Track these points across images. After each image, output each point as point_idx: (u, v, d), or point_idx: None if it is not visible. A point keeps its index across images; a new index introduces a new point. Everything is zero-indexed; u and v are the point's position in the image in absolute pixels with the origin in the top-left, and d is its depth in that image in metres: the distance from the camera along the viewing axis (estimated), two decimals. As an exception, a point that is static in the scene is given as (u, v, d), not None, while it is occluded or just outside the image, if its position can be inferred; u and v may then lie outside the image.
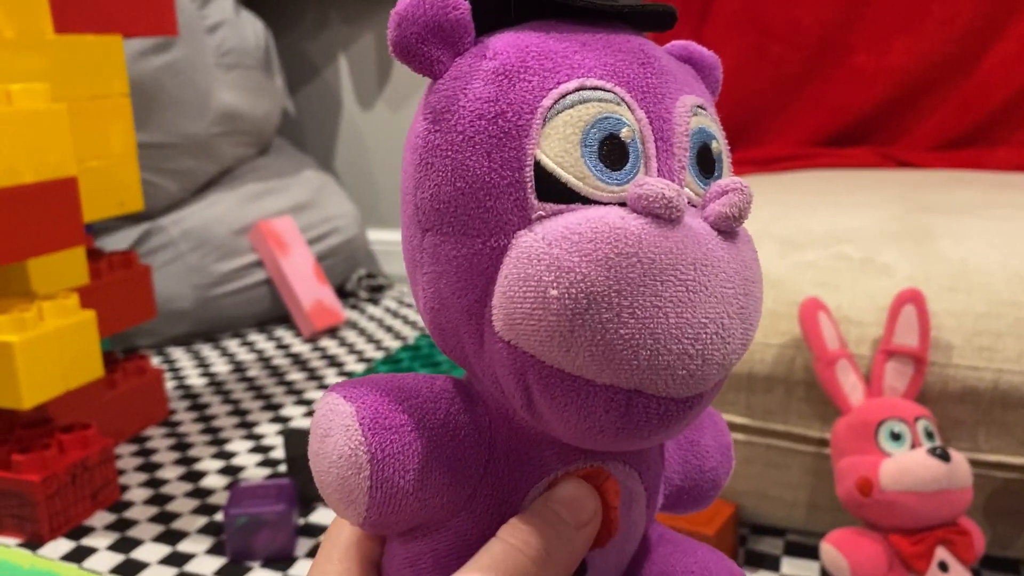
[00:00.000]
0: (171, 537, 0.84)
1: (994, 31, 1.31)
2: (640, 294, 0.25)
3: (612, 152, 0.26)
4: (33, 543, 0.84)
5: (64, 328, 0.84)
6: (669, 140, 0.28)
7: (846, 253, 0.80)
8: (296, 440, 0.90)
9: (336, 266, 1.59)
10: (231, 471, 0.97)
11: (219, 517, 0.87)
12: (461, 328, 0.28)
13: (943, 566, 0.63)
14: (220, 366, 1.29)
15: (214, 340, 1.41)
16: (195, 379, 1.25)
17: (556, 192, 0.26)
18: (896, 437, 0.65)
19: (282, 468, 0.97)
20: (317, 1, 1.75)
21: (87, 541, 0.84)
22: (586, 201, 0.26)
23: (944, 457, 0.63)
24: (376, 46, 1.74)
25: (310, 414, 1.11)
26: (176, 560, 0.80)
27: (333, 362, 1.30)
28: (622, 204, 0.26)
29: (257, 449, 1.02)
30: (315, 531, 0.84)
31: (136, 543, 0.83)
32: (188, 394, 1.19)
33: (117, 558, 0.80)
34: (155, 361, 1.32)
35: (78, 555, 0.81)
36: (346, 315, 1.53)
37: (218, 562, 0.79)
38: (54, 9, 0.91)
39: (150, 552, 0.81)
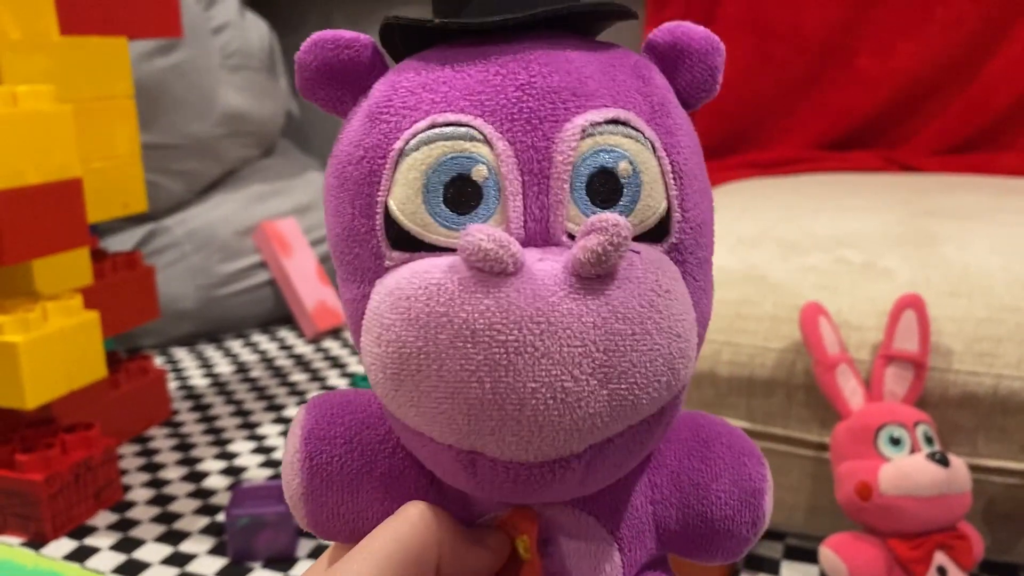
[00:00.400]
0: (173, 537, 0.84)
1: (998, 35, 1.31)
2: (449, 357, 0.23)
3: (460, 195, 0.25)
4: (36, 542, 0.84)
5: (68, 328, 0.84)
6: (544, 172, 0.25)
7: (847, 257, 0.80)
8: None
9: (339, 267, 1.59)
10: (233, 472, 0.97)
11: (221, 518, 0.87)
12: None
13: (941, 571, 0.63)
14: (223, 367, 1.30)
15: (217, 341, 1.42)
16: (198, 379, 1.25)
17: (405, 240, 0.25)
18: (895, 442, 0.65)
19: (284, 469, 0.97)
20: (321, 3, 1.76)
21: (90, 541, 0.84)
22: (431, 248, 0.25)
23: (943, 462, 0.63)
24: (381, 48, 1.74)
25: (312, 415, 1.11)
26: (178, 560, 0.80)
27: (335, 363, 1.30)
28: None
29: (259, 450, 1.02)
30: (316, 532, 0.84)
31: (138, 543, 0.83)
32: (191, 395, 1.20)
33: (119, 558, 0.81)
34: (158, 361, 1.32)
35: (81, 555, 0.82)
36: (349, 316, 1.53)
37: (220, 562, 0.80)
38: (60, 11, 0.91)
39: (152, 552, 0.82)
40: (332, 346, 1.38)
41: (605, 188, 0.25)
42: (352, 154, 0.26)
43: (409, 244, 0.25)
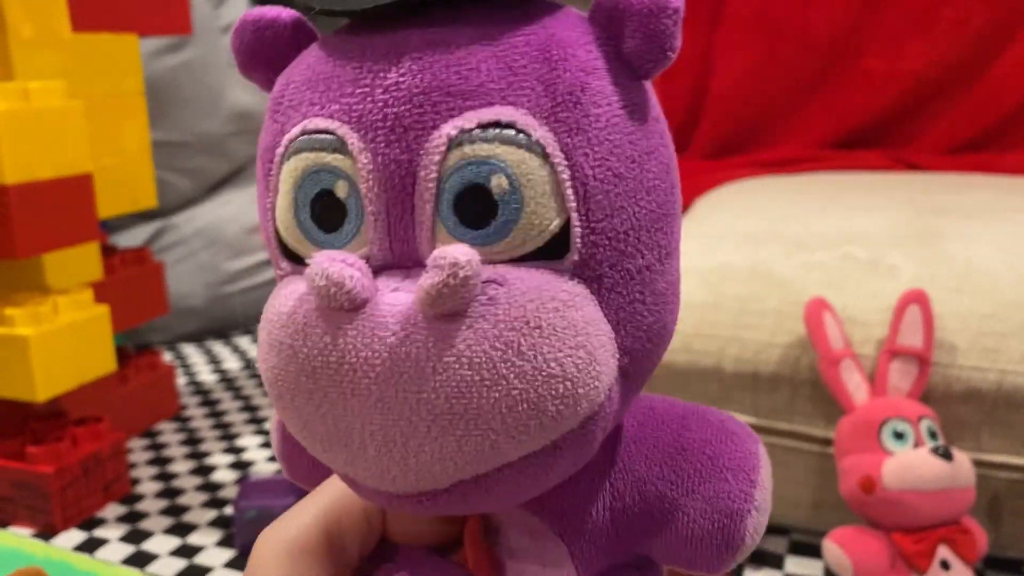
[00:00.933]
0: (181, 530, 0.85)
1: (1006, 35, 1.31)
2: (299, 390, 0.22)
3: (326, 211, 0.23)
4: (46, 533, 0.85)
5: (78, 322, 0.85)
6: (408, 189, 0.22)
7: (853, 254, 0.80)
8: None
9: (347, 265, 1.60)
10: (241, 466, 0.98)
11: (229, 511, 0.88)
12: None
13: (945, 564, 0.63)
14: (231, 362, 1.31)
15: (225, 337, 1.43)
16: (206, 375, 1.26)
17: (290, 252, 0.24)
18: (899, 436, 0.66)
19: (291, 463, 0.98)
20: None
21: (99, 532, 0.85)
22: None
23: (946, 456, 0.63)
24: (389, 47, 1.75)
25: (320, 411, 1.12)
26: (186, 552, 0.81)
27: (343, 360, 1.31)
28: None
29: (267, 444, 1.03)
30: (323, 525, 0.85)
31: (147, 535, 0.84)
32: (199, 390, 1.20)
33: (128, 549, 0.82)
34: (167, 357, 1.33)
35: (90, 546, 0.82)
36: (356, 314, 1.54)
37: (227, 554, 0.80)
38: (71, 8, 0.92)
39: (160, 544, 0.82)
40: (339, 343, 1.39)
41: (476, 206, 0.22)
42: (259, 148, 0.25)
43: (294, 255, 0.24)
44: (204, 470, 0.97)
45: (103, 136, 0.97)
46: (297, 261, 0.23)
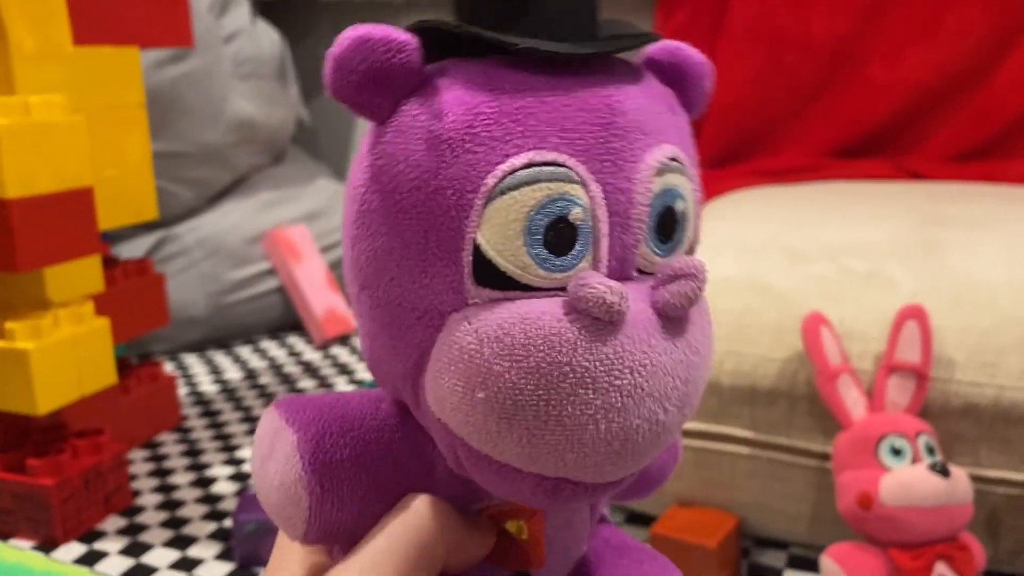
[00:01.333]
0: (181, 542, 0.85)
1: (1008, 43, 1.31)
2: (569, 403, 0.24)
3: (559, 237, 0.25)
4: (47, 546, 0.85)
5: (79, 335, 0.85)
6: (626, 214, 0.26)
7: (852, 267, 0.80)
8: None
9: (349, 274, 1.60)
10: (241, 477, 0.98)
11: (228, 523, 0.88)
12: (398, 384, 0.28)
13: (943, 582, 0.63)
14: (232, 373, 1.31)
15: (227, 347, 1.43)
16: (208, 386, 1.26)
17: (494, 278, 0.25)
18: (897, 452, 0.65)
19: (292, 475, 0.98)
20: (332, 11, 1.77)
21: (99, 545, 0.85)
22: (526, 288, 0.25)
23: (944, 472, 0.63)
24: (391, 56, 1.75)
25: (321, 421, 1.12)
26: (185, 565, 0.81)
27: (344, 369, 1.31)
28: (562, 289, 0.25)
29: (267, 456, 1.03)
30: (322, 538, 0.85)
31: (147, 548, 0.84)
32: (200, 400, 1.21)
33: (128, 562, 0.82)
34: (168, 367, 1.34)
35: (90, 559, 0.83)
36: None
37: (227, 567, 0.80)
38: (73, 22, 0.92)
39: (160, 557, 0.82)
40: (340, 352, 1.39)
41: (667, 225, 0.27)
42: (425, 182, 0.25)
43: (498, 282, 0.25)
44: (204, 482, 0.97)
45: (104, 148, 0.97)
46: (500, 287, 0.25)
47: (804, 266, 0.81)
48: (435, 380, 0.25)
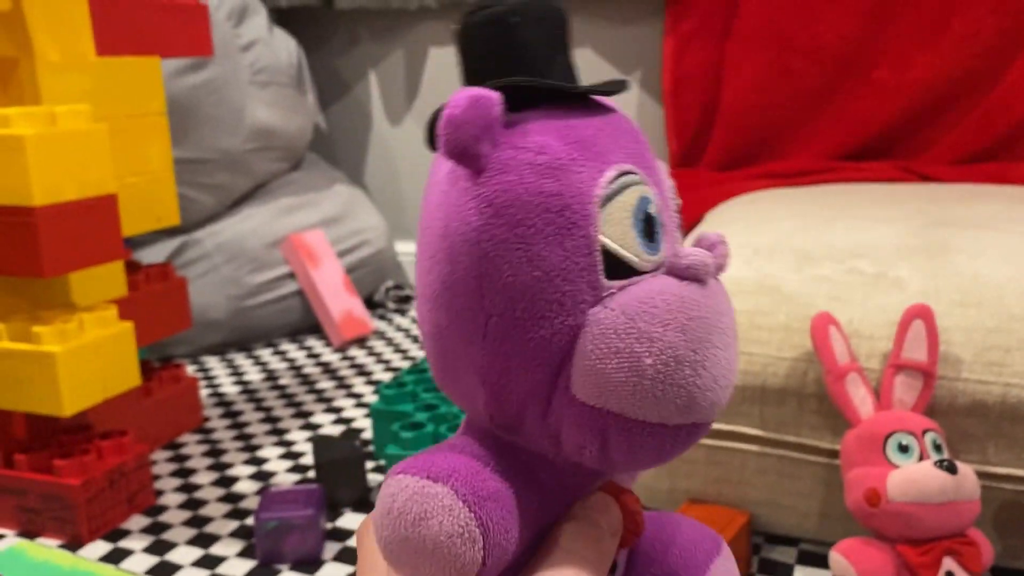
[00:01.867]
0: (204, 540, 0.87)
1: (1015, 46, 1.32)
2: (707, 348, 0.29)
3: (649, 227, 0.31)
4: (73, 544, 0.87)
5: (103, 339, 0.88)
6: (668, 208, 0.32)
7: (860, 268, 0.81)
8: (324, 446, 0.93)
9: (365, 278, 1.62)
10: (262, 477, 1.00)
11: (250, 521, 0.90)
12: (528, 398, 0.30)
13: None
14: (253, 374, 1.33)
15: (247, 349, 1.45)
16: (229, 387, 1.28)
17: (617, 270, 0.30)
18: (904, 449, 0.67)
19: (311, 474, 1.00)
20: (348, 19, 1.79)
21: (124, 543, 0.87)
22: (637, 273, 0.30)
23: (951, 469, 0.64)
24: (405, 63, 1.77)
25: (339, 422, 1.14)
26: (208, 563, 0.83)
27: (361, 371, 1.33)
28: (656, 269, 0.30)
29: (287, 455, 1.05)
30: (342, 535, 0.87)
31: (170, 546, 0.86)
32: (222, 402, 1.23)
33: (152, 560, 0.84)
34: (190, 370, 1.36)
35: (115, 557, 0.85)
36: (374, 325, 1.56)
37: (248, 565, 0.82)
38: (96, 33, 0.95)
39: (183, 555, 0.84)
40: (358, 354, 1.41)
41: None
42: (551, 204, 0.29)
43: (619, 273, 0.30)
44: (226, 481, 0.99)
45: (127, 156, 0.99)
46: (621, 276, 0.30)
47: (813, 267, 0.83)
48: (594, 369, 0.29)
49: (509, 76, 0.31)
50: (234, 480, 0.99)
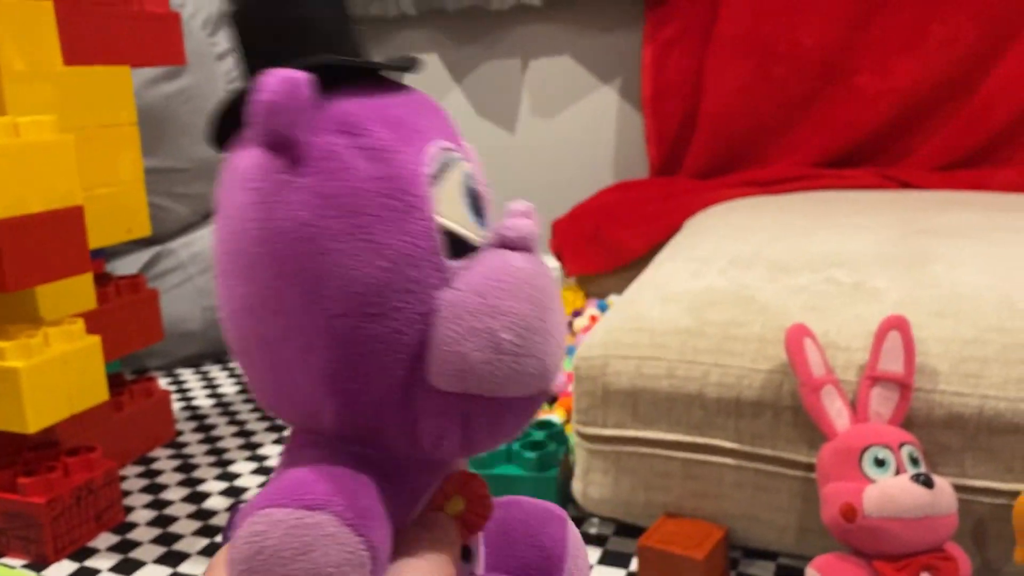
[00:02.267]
0: (172, 558, 0.85)
1: (995, 53, 1.31)
2: (549, 314, 0.29)
3: (475, 202, 0.31)
4: (38, 564, 0.85)
5: (69, 353, 0.86)
6: (482, 181, 0.32)
7: (837, 278, 0.81)
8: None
9: (345, 287, 1.61)
10: (234, 492, 0.98)
11: (220, 539, 0.88)
12: (384, 399, 0.28)
13: (926, 592, 0.63)
14: (228, 387, 1.31)
15: (223, 361, 1.43)
16: (203, 400, 1.26)
17: (456, 248, 0.29)
18: (880, 463, 0.66)
19: (284, 490, 0.98)
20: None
21: (90, 563, 0.85)
22: (472, 249, 0.29)
23: (927, 483, 0.63)
24: (385, 70, 1.76)
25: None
26: (176, 581, 0.81)
27: (339, 383, 1.32)
28: (489, 244, 0.30)
29: (260, 471, 1.03)
30: (313, 553, 0.85)
31: (138, 564, 0.84)
32: (195, 415, 1.21)
33: (119, 579, 0.82)
34: (164, 382, 1.34)
35: (81, 576, 0.83)
36: (354, 336, 1.54)
37: (217, 584, 0.81)
38: (63, 42, 0.93)
39: (152, 573, 0.83)
40: (336, 366, 1.40)
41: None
42: (386, 189, 0.28)
43: (459, 251, 0.29)
44: (197, 497, 0.97)
45: (96, 167, 0.98)
46: (459, 255, 0.29)
47: (789, 278, 0.82)
48: (452, 353, 0.28)
49: (302, 56, 0.29)
50: (205, 496, 0.98)
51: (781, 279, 0.82)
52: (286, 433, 1.13)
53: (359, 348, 0.28)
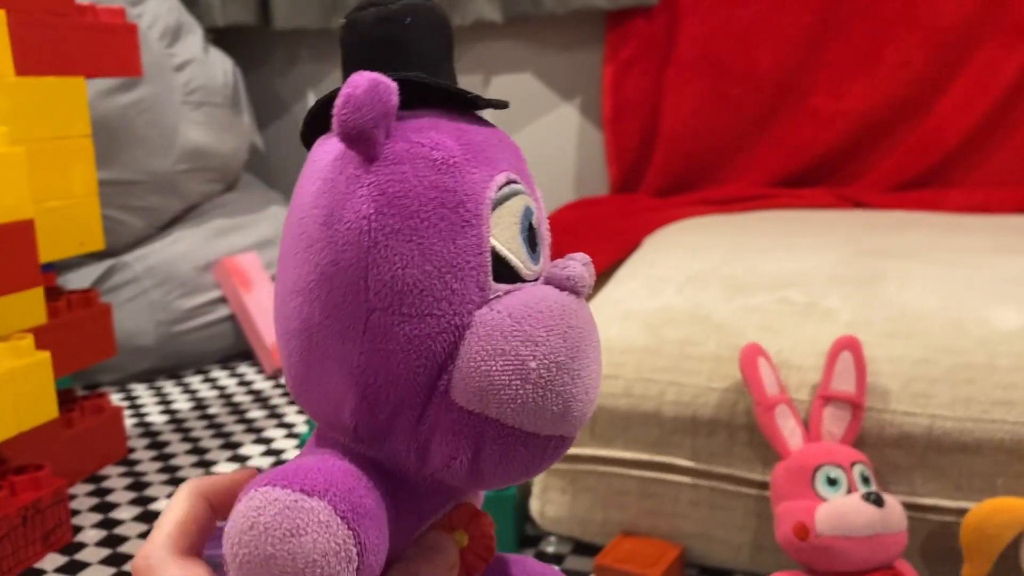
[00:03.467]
0: (122, 580, 0.83)
1: (947, 75, 1.34)
2: (582, 357, 0.29)
3: (532, 237, 0.31)
4: (-18, 586, 0.83)
5: (17, 369, 0.84)
6: (544, 223, 0.33)
7: (791, 298, 0.82)
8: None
9: (303, 301, 1.59)
10: (186, 511, 0.96)
11: (171, 559, 0.87)
12: (403, 402, 0.29)
13: (877, 610, 0.64)
14: (181, 403, 1.29)
15: (177, 376, 1.41)
16: (156, 416, 1.24)
17: (503, 274, 0.30)
18: (832, 482, 0.66)
19: (238, 508, 0.97)
20: (286, 39, 1.77)
21: (37, 584, 0.83)
22: (520, 280, 0.30)
23: (878, 502, 0.64)
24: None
25: (269, 453, 1.11)
26: (125, 603, 0.80)
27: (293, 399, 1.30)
28: (536, 279, 0.31)
29: (214, 489, 1.01)
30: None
31: (86, 586, 0.83)
32: (148, 432, 1.19)
33: (66, 601, 0.80)
34: (116, 398, 1.32)
35: (27, 598, 0.81)
36: (312, 351, 1.53)
37: (168, 605, 0.79)
38: (16, 52, 0.92)
39: (100, 595, 0.81)
40: (293, 381, 1.38)
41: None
42: (446, 199, 0.29)
43: (506, 277, 0.30)
44: (148, 516, 0.96)
45: (49, 179, 0.96)
46: (507, 281, 0.30)
47: (744, 297, 0.83)
48: (478, 371, 0.28)
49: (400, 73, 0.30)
50: (157, 515, 0.95)
51: (736, 298, 0.82)
52: (241, 451, 1.12)
53: (390, 345, 0.29)
